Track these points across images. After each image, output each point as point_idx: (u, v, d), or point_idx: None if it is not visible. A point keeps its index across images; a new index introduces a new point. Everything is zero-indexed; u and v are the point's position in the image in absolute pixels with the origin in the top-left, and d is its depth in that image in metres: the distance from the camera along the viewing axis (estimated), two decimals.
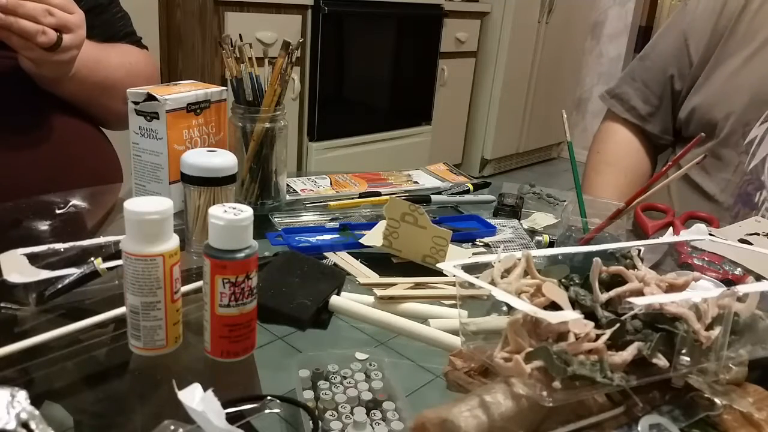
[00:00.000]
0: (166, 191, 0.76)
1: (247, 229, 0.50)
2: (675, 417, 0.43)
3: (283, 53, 0.79)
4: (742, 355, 0.46)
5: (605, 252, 0.53)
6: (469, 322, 0.48)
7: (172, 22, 2.36)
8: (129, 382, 0.53)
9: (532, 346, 0.41)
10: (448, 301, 0.64)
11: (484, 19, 3.42)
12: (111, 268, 0.60)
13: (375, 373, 0.51)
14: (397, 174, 1.01)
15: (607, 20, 4.06)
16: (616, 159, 1.12)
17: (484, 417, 0.39)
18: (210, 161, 0.67)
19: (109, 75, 0.95)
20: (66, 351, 0.52)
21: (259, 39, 2.26)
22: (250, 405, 0.47)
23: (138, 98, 0.75)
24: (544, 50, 3.70)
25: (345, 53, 2.71)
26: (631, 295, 0.44)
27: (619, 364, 0.41)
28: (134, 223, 0.49)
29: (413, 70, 3.06)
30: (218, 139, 0.83)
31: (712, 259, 0.69)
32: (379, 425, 0.46)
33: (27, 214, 0.77)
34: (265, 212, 0.83)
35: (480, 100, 3.59)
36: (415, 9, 2.91)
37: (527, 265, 0.48)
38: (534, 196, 0.97)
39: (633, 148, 1.13)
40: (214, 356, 0.52)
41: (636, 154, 1.13)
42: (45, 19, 0.76)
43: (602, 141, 1.16)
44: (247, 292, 0.50)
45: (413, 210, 0.70)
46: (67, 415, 0.47)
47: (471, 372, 0.47)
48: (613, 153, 1.13)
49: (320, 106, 2.64)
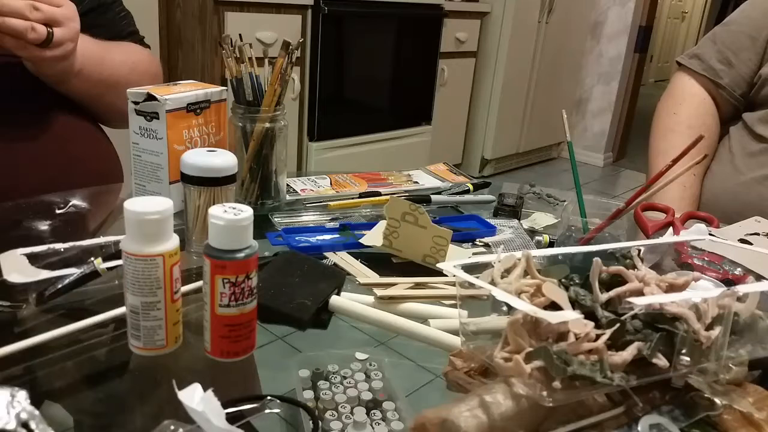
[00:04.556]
0: (166, 191, 0.76)
1: (247, 229, 0.50)
2: (675, 417, 0.43)
3: (283, 53, 0.79)
4: (742, 355, 0.46)
5: (605, 252, 0.53)
6: (469, 322, 0.48)
7: (172, 22, 2.36)
8: (129, 382, 0.53)
9: (532, 346, 0.41)
10: (448, 301, 0.64)
11: (484, 19, 3.42)
12: (111, 268, 0.60)
13: (375, 373, 0.51)
14: (397, 174, 1.01)
15: (607, 20, 4.05)
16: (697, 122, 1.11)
17: (484, 417, 0.39)
18: (210, 161, 0.67)
19: (114, 72, 0.95)
20: (66, 351, 0.52)
21: (259, 39, 2.26)
22: (250, 405, 0.47)
23: (138, 98, 0.75)
24: (544, 50, 3.70)
25: (345, 53, 2.71)
26: (631, 295, 0.44)
27: (619, 364, 0.41)
28: (134, 223, 0.49)
29: (413, 70, 3.06)
30: (218, 139, 0.83)
31: (712, 259, 0.69)
32: (379, 425, 0.46)
33: (27, 214, 0.77)
34: (265, 212, 0.83)
35: (480, 100, 3.59)
36: (415, 9, 2.91)
37: (527, 265, 0.48)
38: (534, 196, 0.97)
39: (711, 113, 1.13)
40: (214, 356, 0.52)
41: (711, 119, 1.13)
42: (31, 15, 0.76)
43: (679, 102, 1.15)
44: (247, 292, 0.50)
45: (414, 209, 0.70)
46: (67, 415, 0.47)
47: (471, 372, 0.47)
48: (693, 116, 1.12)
49: (320, 106, 2.64)
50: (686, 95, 1.14)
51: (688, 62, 1.15)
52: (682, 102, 1.14)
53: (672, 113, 1.14)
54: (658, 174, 0.76)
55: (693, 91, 1.14)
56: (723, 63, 1.11)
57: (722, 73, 1.11)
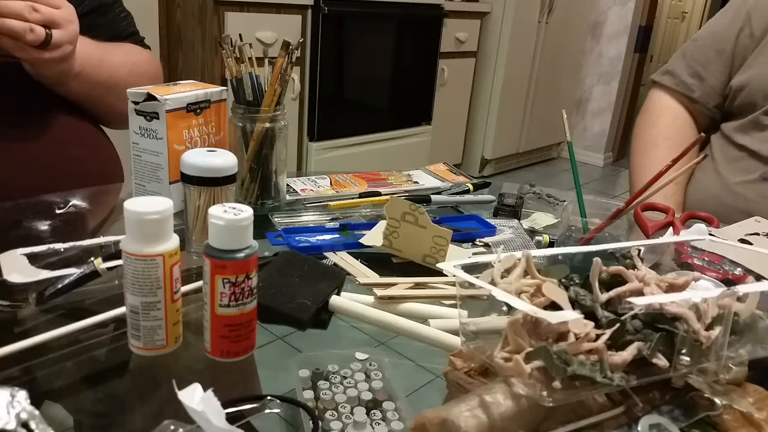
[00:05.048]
0: (166, 191, 0.76)
1: (247, 229, 0.50)
2: (675, 417, 0.43)
3: (283, 53, 0.79)
4: (742, 355, 0.46)
5: (605, 252, 0.53)
6: (469, 322, 0.48)
7: (172, 22, 2.36)
8: (129, 382, 0.53)
9: (532, 346, 0.41)
10: (448, 301, 0.64)
11: (484, 19, 3.42)
12: (111, 268, 0.60)
13: (375, 373, 0.51)
14: (397, 174, 1.01)
15: (607, 20, 4.05)
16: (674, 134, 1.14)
17: (484, 417, 0.39)
18: (210, 161, 0.66)
19: (113, 73, 0.95)
20: (66, 351, 0.52)
21: (259, 39, 2.26)
22: (250, 405, 0.47)
23: (138, 98, 0.75)
24: (544, 50, 3.70)
25: (345, 53, 2.71)
26: (631, 295, 0.44)
27: (619, 364, 0.41)
28: (134, 223, 0.49)
29: (413, 70, 3.06)
30: (218, 139, 0.83)
31: (712, 259, 0.69)
32: (379, 425, 0.46)
33: (27, 214, 0.77)
34: (265, 212, 0.83)
35: (480, 100, 3.59)
36: (415, 9, 2.91)
37: (527, 265, 0.48)
38: (534, 196, 0.97)
39: (688, 124, 1.16)
40: (214, 356, 0.52)
41: (690, 130, 1.16)
42: (30, 16, 0.76)
43: (656, 115, 1.18)
44: (247, 292, 0.50)
45: (414, 209, 0.70)
46: (67, 415, 0.47)
47: (471, 372, 0.47)
48: (670, 128, 1.15)
49: (320, 106, 2.64)
50: (662, 109, 1.18)
51: (660, 78, 1.19)
52: (659, 116, 1.17)
53: (650, 127, 1.17)
54: (659, 174, 0.76)
55: (669, 105, 1.17)
56: (694, 77, 1.14)
57: (694, 87, 1.14)
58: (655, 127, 1.16)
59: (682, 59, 1.17)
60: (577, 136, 4.29)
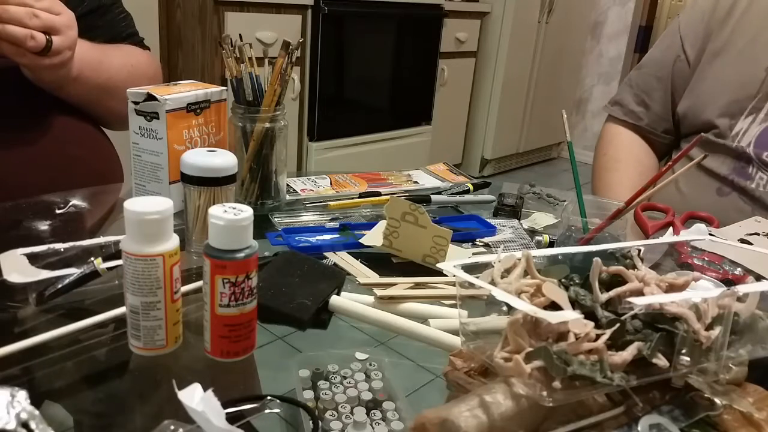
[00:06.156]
0: (166, 191, 0.76)
1: (247, 229, 0.50)
2: (675, 417, 0.43)
3: (283, 53, 0.79)
4: (742, 355, 0.46)
5: (605, 252, 0.53)
6: (469, 322, 0.48)
7: (172, 22, 2.36)
8: (129, 382, 0.53)
9: (532, 346, 0.41)
10: (448, 301, 0.64)
11: (484, 19, 3.42)
12: (111, 268, 0.60)
13: (375, 373, 0.51)
14: (397, 174, 1.01)
15: (607, 20, 4.06)
16: (625, 156, 1.18)
17: (484, 417, 0.39)
18: (210, 161, 0.66)
19: (112, 76, 0.95)
20: (66, 351, 0.52)
21: (259, 39, 2.26)
22: (250, 405, 0.47)
23: (138, 98, 0.75)
24: (544, 50, 3.70)
25: (345, 53, 2.71)
26: (631, 295, 0.44)
27: (619, 364, 0.41)
28: (134, 223, 0.49)
29: (413, 70, 3.06)
30: (218, 139, 0.83)
31: (712, 259, 0.69)
32: (379, 425, 0.46)
33: (27, 214, 0.77)
34: (265, 212, 0.83)
35: (480, 100, 3.59)
36: (415, 9, 2.91)
37: (527, 265, 0.48)
38: (534, 196, 0.97)
39: (638, 145, 1.19)
40: (214, 356, 0.52)
41: (642, 150, 1.19)
42: (31, 22, 0.76)
43: (608, 143, 1.21)
44: (247, 292, 0.50)
45: (414, 209, 0.70)
46: (67, 415, 0.47)
47: (471, 372, 0.47)
48: (621, 151, 1.19)
49: (320, 106, 2.64)
50: (613, 136, 1.22)
51: (611, 110, 1.23)
52: (609, 143, 1.21)
53: (602, 156, 1.20)
54: (659, 174, 0.77)
55: (619, 132, 1.21)
56: (641, 105, 1.18)
57: (642, 115, 1.18)
58: (606, 155, 1.19)
59: (629, 89, 1.20)
60: (577, 136, 4.29)
